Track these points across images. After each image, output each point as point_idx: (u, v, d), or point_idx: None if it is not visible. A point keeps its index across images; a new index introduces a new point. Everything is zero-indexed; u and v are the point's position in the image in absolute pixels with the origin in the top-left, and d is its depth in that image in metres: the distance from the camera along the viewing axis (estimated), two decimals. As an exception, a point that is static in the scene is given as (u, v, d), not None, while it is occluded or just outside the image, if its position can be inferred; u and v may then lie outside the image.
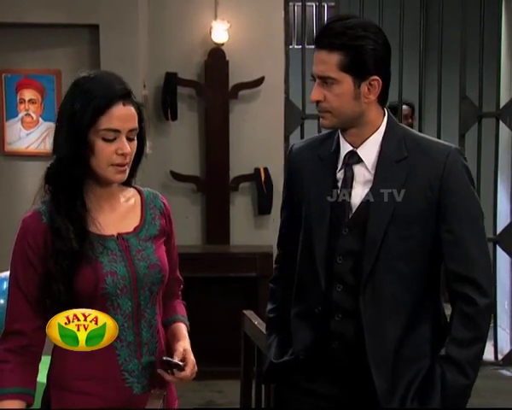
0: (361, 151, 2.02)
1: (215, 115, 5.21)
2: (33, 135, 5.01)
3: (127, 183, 2.02)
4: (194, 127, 5.30)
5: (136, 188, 2.07)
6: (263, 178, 5.23)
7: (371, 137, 2.02)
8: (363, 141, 2.02)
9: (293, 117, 5.31)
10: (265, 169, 5.26)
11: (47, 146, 4.97)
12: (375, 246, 1.96)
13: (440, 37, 5.19)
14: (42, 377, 2.00)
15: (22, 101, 4.97)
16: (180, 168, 5.26)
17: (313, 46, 2.00)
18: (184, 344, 2.02)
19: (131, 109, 1.90)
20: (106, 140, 1.87)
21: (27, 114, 4.98)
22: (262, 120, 5.27)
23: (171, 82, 5.13)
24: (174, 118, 5.19)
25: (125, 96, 1.89)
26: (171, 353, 2.01)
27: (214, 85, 5.19)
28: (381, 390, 1.96)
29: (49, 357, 1.99)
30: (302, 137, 5.26)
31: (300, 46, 5.36)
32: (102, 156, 1.88)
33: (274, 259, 2.34)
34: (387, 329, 1.97)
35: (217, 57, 5.18)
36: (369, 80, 1.96)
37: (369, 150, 2.01)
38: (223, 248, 5.24)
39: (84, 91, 1.88)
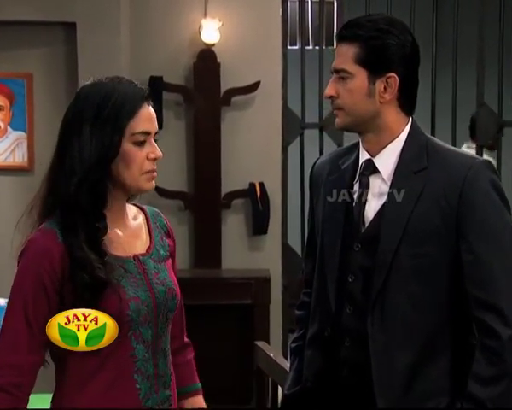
0: (378, 160, 2.05)
1: (205, 124, 5.18)
2: (1, 146, 4.95)
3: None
4: (182, 137, 5.25)
5: (136, 205, 2.09)
6: (258, 194, 5.20)
7: (389, 145, 2.04)
8: (381, 149, 2.04)
9: (292, 126, 5.26)
10: (261, 184, 5.22)
11: (16, 158, 4.97)
12: (385, 263, 1.97)
13: (455, 38, 5.12)
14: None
15: (-12, 107, 4.95)
16: (166, 183, 5.14)
17: (312, 47, 2.06)
18: None
19: (153, 110, 1.97)
20: (137, 145, 1.91)
21: (-6, 123, 4.95)
22: (257, 129, 5.23)
23: (156, 87, 5.04)
24: (159, 127, 5.03)
25: (148, 96, 1.96)
26: None
27: (204, 91, 5.16)
28: None
29: (45, 395, 2.01)
30: (302, 148, 5.27)
31: (298, 47, 5.32)
32: (135, 164, 1.91)
33: (303, 279, 2.34)
34: (397, 356, 1.96)
35: (207, 59, 5.14)
36: (385, 77, 1.99)
37: (387, 160, 2.04)
38: (214, 272, 5.18)
39: (104, 99, 1.89)
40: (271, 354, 2.68)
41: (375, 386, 1.96)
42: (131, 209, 2.05)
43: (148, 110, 1.95)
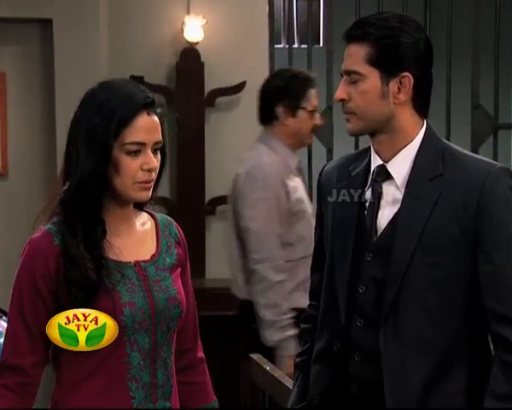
0: (391, 166, 2.03)
1: (188, 126, 5.15)
2: (-28, 150, 4.93)
3: (138, 206, 2.06)
4: (164, 140, 5.15)
5: (148, 212, 2.11)
6: (244, 200, 5.14)
7: (404, 150, 2.02)
8: (395, 154, 2.03)
9: (279, 128, 5.21)
10: (247, 190, 5.16)
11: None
12: (398, 273, 1.96)
13: (449, 36, 5.14)
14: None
15: (-42, 109, 4.89)
16: (147, 188, 5.08)
17: (298, 45, 2.01)
18: None
19: (156, 119, 1.96)
20: (130, 155, 1.92)
21: (-36, 124, 4.89)
22: (243, 131, 5.15)
23: (136, 87, 5.02)
24: (140, 129, 5.04)
25: (149, 104, 1.95)
26: None
27: (187, 91, 5.15)
28: None
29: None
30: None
31: (282, 45, 5.27)
32: (127, 173, 1.92)
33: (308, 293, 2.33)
34: (411, 372, 1.95)
35: (190, 59, 5.13)
36: (399, 77, 1.98)
37: (401, 165, 2.02)
38: (197, 282, 4.97)
39: (103, 103, 1.92)
40: (268, 368, 2.63)
41: (387, 403, 1.94)
42: (142, 216, 2.08)
43: (147, 119, 1.93)
